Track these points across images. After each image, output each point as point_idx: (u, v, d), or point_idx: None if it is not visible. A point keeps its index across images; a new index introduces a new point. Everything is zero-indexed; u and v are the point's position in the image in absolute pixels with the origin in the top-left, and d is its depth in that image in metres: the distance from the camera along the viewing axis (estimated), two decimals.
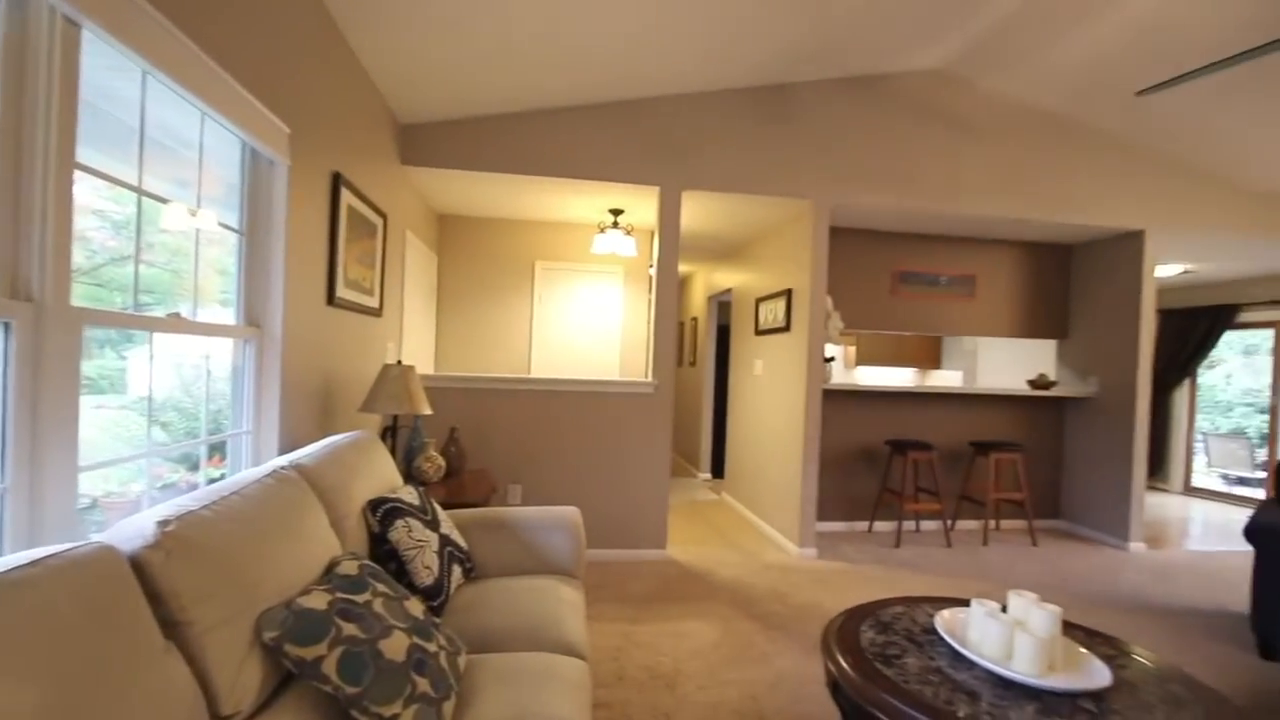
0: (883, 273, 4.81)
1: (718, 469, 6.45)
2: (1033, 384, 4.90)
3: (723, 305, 6.51)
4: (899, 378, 7.74)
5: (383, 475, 2.10)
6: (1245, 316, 6.32)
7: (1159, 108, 3.80)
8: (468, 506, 2.50)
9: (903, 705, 1.37)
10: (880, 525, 4.74)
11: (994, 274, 4.98)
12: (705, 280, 6.69)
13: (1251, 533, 2.84)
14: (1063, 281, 5.11)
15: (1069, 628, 1.82)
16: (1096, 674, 1.50)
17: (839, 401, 4.70)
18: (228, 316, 2.04)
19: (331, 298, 2.55)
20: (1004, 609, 1.67)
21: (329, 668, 1.11)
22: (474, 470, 3.32)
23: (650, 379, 3.82)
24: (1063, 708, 1.40)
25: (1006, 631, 1.56)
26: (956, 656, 1.61)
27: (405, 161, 3.62)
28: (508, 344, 5.05)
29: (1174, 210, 4.41)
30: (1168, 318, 6.90)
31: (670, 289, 3.85)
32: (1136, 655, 1.70)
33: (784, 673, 2.50)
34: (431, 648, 1.31)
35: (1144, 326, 4.46)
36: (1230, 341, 6.73)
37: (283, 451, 2.10)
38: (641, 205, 4.26)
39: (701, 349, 6.67)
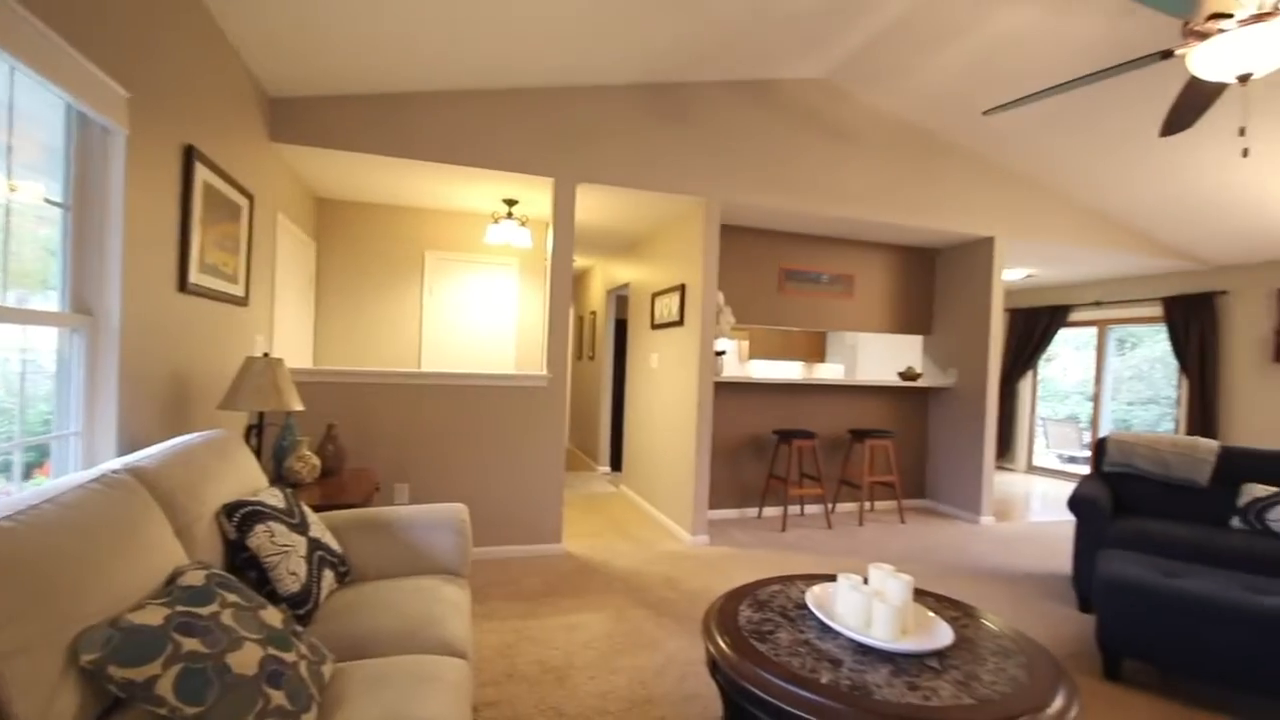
0: (771, 270, 5.04)
1: (617, 462, 6.51)
2: (902, 376, 5.33)
3: (621, 299, 6.56)
4: (788, 371, 8.16)
5: (243, 477, 1.93)
6: (1075, 316, 7.21)
7: (1005, 128, 4.25)
8: (347, 507, 2.36)
9: (771, 676, 1.45)
10: (769, 510, 4.98)
11: (870, 274, 5.37)
12: (604, 274, 6.71)
13: (1073, 503, 3.25)
14: (928, 282, 5.59)
15: (922, 595, 2.00)
16: (941, 635, 1.66)
17: (731, 394, 4.88)
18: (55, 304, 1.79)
19: (184, 284, 2.31)
20: (866, 581, 1.81)
21: (164, 688, 1.01)
22: (355, 470, 3.14)
23: (544, 372, 3.78)
24: (912, 667, 1.53)
25: (867, 602, 1.69)
26: (824, 628, 1.72)
27: (275, 138, 3.34)
28: (396, 337, 4.81)
29: (1019, 220, 4.95)
30: (1015, 316, 7.74)
31: (564, 282, 3.83)
32: (976, 616, 1.90)
33: (673, 656, 2.57)
34: (290, 658, 1.23)
35: (994, 324, 4.98)
36: (1065, 338, 7.67)
37: (123, 453, 1.88)
38: (536, 196, 4.20)
39: (600, 343, 6.69)
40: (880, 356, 7.39)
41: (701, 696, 2.26)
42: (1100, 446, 3.69)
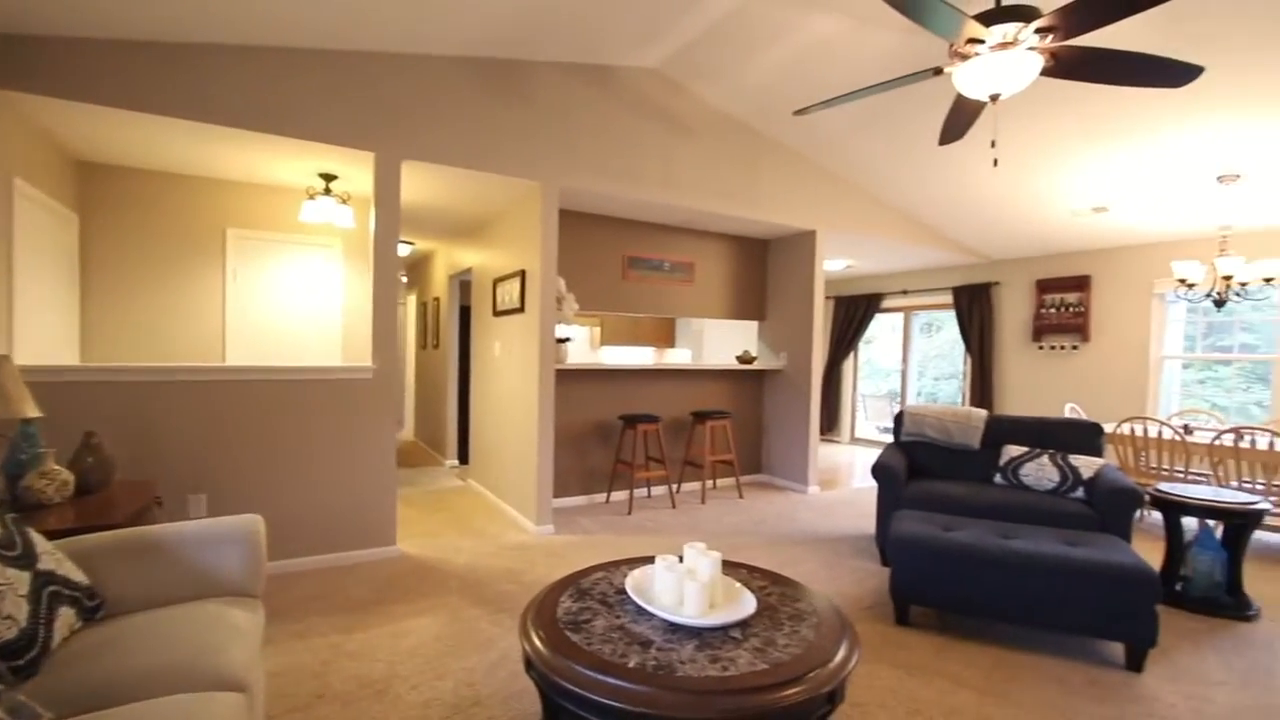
0: (615, 257, 5.08)
1: (465, 455, 6.26)
2: (739, 359, 5.65)
3: (465, 285, 6.28)
4: (637, 356, 8.34)
5: None
6: (887, 303, 8.10)
7: (821, 128, 4.61)
8: (111, 528, 2.00)
9: (580, 666, 1.45)
10: (617, 495, 5.06)
11: (708, 262, 5.60)
12: (447, 258, 6.38)
13: (875, 471, 3.64)
14: (761, 271, 5.96)
15: (735, 568, 2.12)
16: (746, 605, 1.76)
17: (578, 381, 4.87)
18: None
19: None
20: (681, 560, 1.87)
21: None
22: (127, 483, 2.68)
23: (370, 363, 3.50)
24: (716, 640, 1.61)
25: (679, 581, 1.74)
26: (640, 611, 1.76)
27: (6, 85, 2.73)
28: (194, 328, 4.19)
29: (836, 215, 5.42)
30: (839, 303, 8.53)
31: (389, 266, 3.56)
32: (782, 583, 2.04)
33: (506, 653, 2.51)
34: None
35: (816, 311, 5.42)
36: (883, 323, 8.59)
37: None
38: (358, 173, 3.85)
39: (444, 330, 6.37)
40: (725, 342, 7.80)
41: (532, 691, 2.23)
42: (899, 419, 4.17)
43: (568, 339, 4.63)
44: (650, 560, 2.12)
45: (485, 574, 3.37)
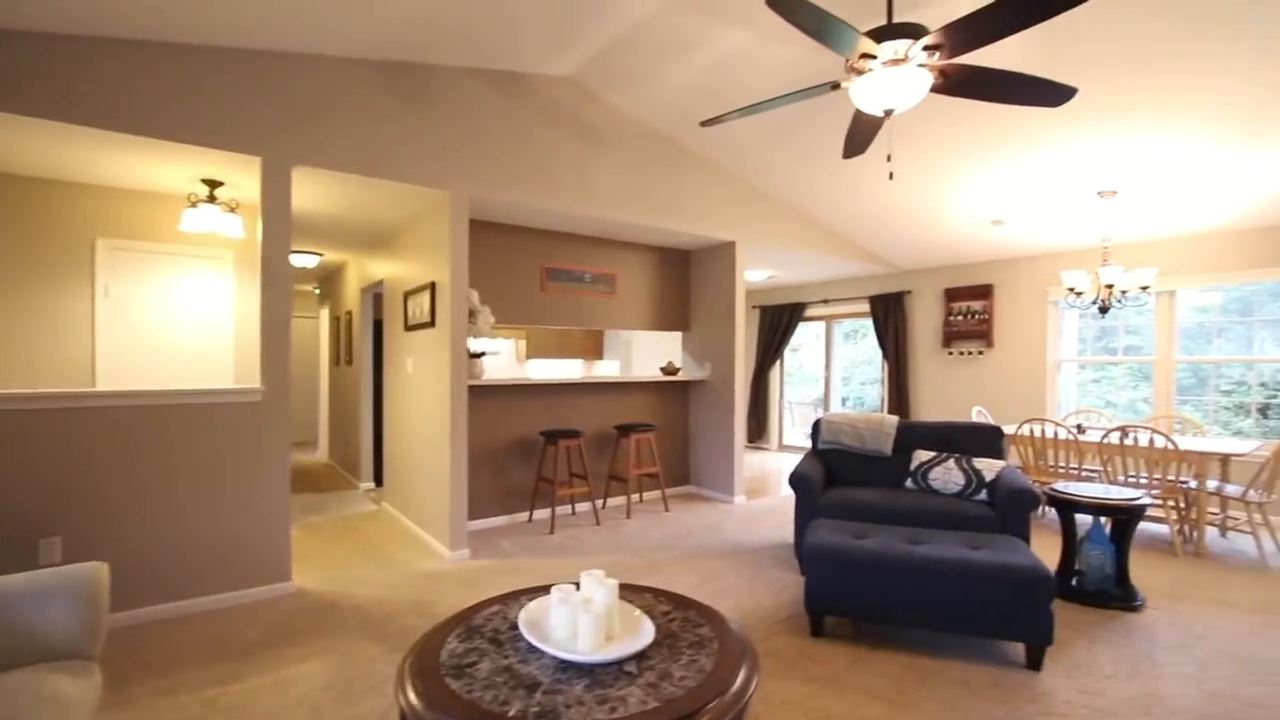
0: (533, 269, 4.94)
1: (381, 477, 5.93)
2: (664, 371, 5.62)
3: (378, 298, 5.98)
4: (566, 369, 8.20)
5: None
6: (810, 312, 8.30)
7: (737, 140, 4.65)
8: None
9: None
10: (539, 513, 4.90)
11: (631, 273, 5.55)
12: (359, 270, 6.06)
13: (792, 480, 3.66)
14: (684, 282, 5.96)
15: (640, 592, 2.03)
16: (644, 635, 1.67)
17: (497, 396, 4.69)
18: None
19: None
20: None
21: None
22: None
23: (259, 384, 3.23)
24: (609, 676, 1.51)
25: (574, 613, 1.64)
26: (531, 649, 1.64)
27: None
28: (58, 351, 3.77)
29: (755, 226, 5.48)
30: (764, 313, 8.68)
31: (280, 279, 3.30)
32: (685, 607, 1.97)
33: None
34: None
35: (738, 321, 5.46)
36: (808, 331, 8.79)
37: None
38: (248, 178, 3.57)
39: (358, 346, 6.04)
40: (653, 353, 7.77)
41: None
42: (816, 427, 4.22)
43: (483, 353, 4.46)
44: (541, 591, 2.01)
45: (390, 608, 3.15)
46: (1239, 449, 3.99)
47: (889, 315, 7.22)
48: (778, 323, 8.48)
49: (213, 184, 3.65)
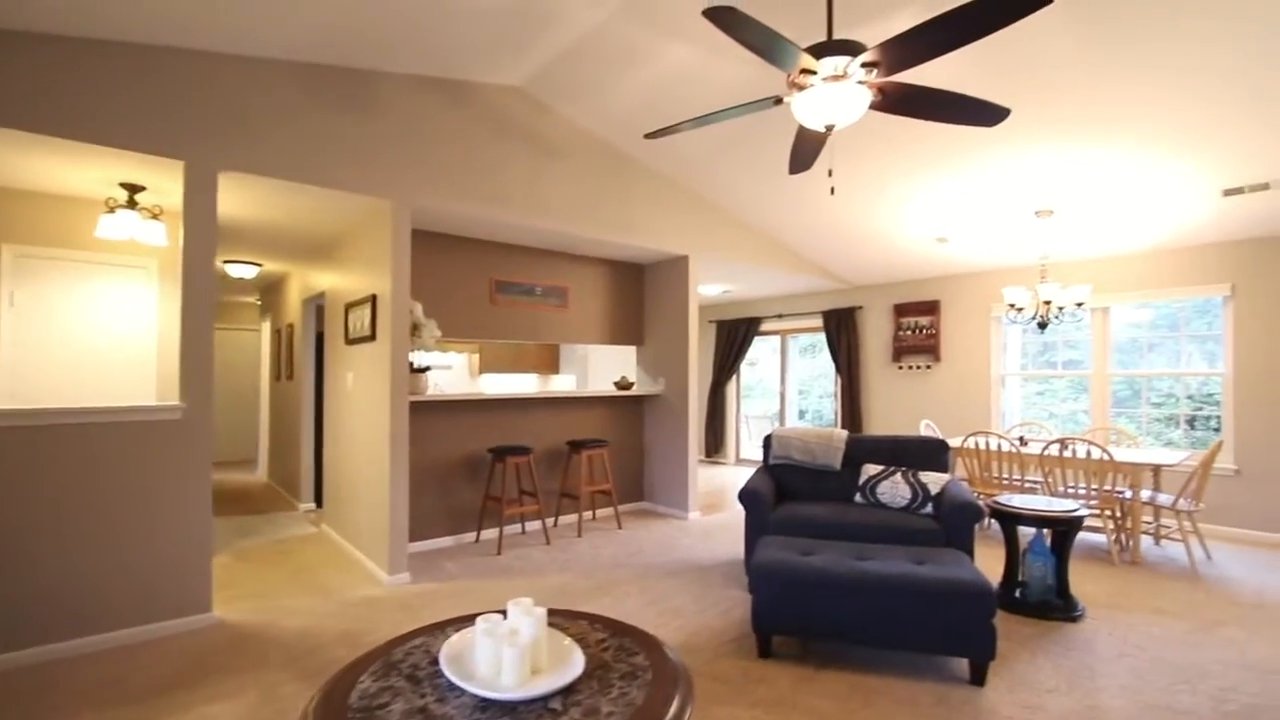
0: (482, 281, 4.82)
1: (321, 498, 5.66)
2: (617, 385, 5.54)
3: (320, 310, 5.75)
4: (520, 384, 8.05)
5: None
6: (765, 327, 8.36)
7: (688, 153, 4.65)
8: None
9: None
10: (487, 533, 4.74)
11: (583, 287, 5.48)
12: (301, 281, 5.82)
13: (741, 496, 3.62)
14: (638, 296, 5.92)
15: (575, 619, 1.94)
16: (574, 667, 1.58)
17: (443, 413, 4.54)
18: None
19: None
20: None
21: None
22: None
23: (178, 401, 3.02)
24: (532, 714, 1.41)
25: (498, 646, 1.54)
26: (450, 687, 1.53)
27: None
28: None
29: (708, 241, 5.49)
30: (721, 327, 8.70)
31: (204, 290, 3.11)
32: (622, 633, 1.88)
33: None
34: None
35: (691, 335, 5.44)
36: (765, 345, 8.85)
37: None
38: (172, 183, 3.37)
39: (299, 360, 5.78)
40: (610, 368, 7.69)
41: None
42: (767, 442, 4.20)
43: (428, 368, 4.31)
44: (467, 620, 1.89)
45: (318, 639, 2.96)
46: (1169, 459, 4.13)
47: (841, 330, 7.32)
48: (734, 337, 8.52)
49: (133, 189, 3.44)
